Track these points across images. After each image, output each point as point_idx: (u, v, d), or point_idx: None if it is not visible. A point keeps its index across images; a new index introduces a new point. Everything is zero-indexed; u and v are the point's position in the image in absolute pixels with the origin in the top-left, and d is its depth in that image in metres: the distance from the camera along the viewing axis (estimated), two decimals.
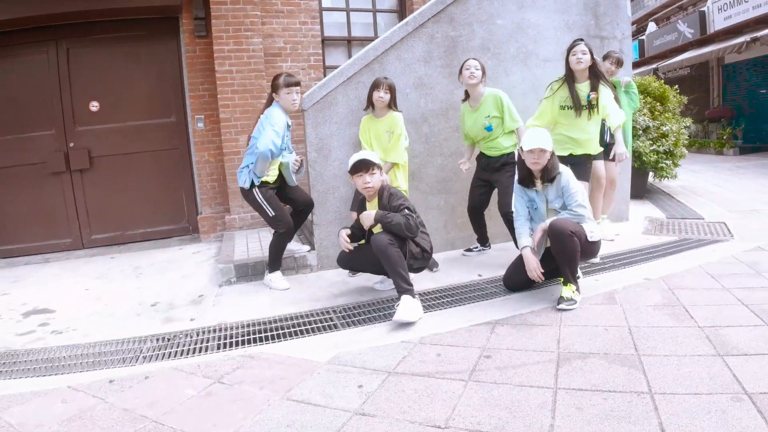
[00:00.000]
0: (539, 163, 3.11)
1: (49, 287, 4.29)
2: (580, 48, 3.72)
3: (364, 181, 3.18)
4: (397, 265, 2.96)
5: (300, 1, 5.81)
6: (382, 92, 3.74)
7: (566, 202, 3.16)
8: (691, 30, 15.96)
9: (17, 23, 5.24)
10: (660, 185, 7.18)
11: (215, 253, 4.92)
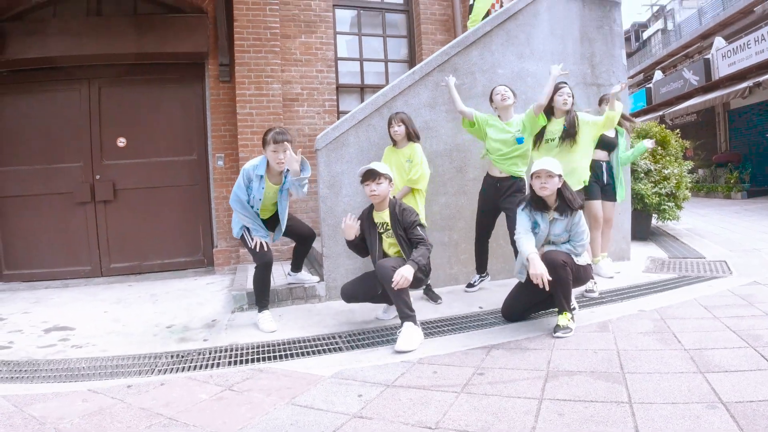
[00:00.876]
0: (547, 188, 3.17)
1: (69, 308, 4.50)
2: (566, 90, 4.11)
3: (370, 189, 3.36)
4: (401, 291, 3.13)
5: (317, 51, 6.29)
6: (396, 126, 4.00)
7: (572, 240, 3.26)
8: (696, 77, 16.32)
9: (54, 61, 5.71)
10: (665, 228, 7.29)
11: (229, 284, 5.11)
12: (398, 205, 3.42)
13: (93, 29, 5.74)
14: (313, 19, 6.33)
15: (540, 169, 3.19)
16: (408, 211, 3.38)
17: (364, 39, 6.88)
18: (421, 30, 6.79)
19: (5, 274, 5.83)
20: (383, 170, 3.37)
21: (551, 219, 3.30)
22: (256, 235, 3.73)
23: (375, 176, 3.35)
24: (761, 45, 13.02)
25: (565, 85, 4.15)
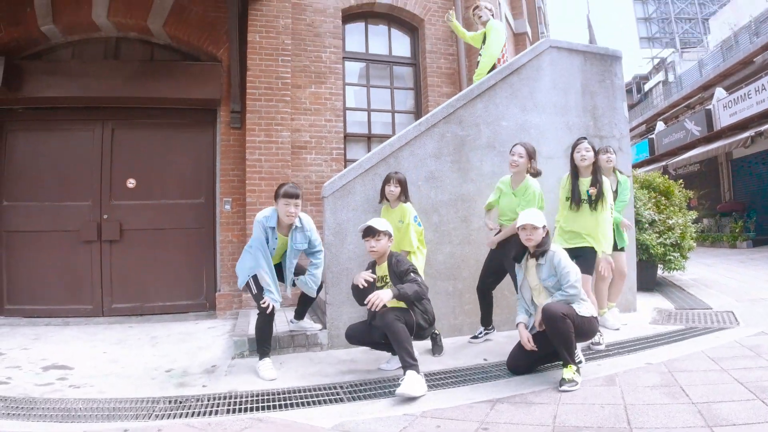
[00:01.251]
0: (532, 239, 3.38)
1: (68, 347, 4.49)
2: (584, 146, 4.03)
3: (370, 246, 3.53)
4: (404, 340, 3.14)
5: (326, 101, 6.48)
6: (393, 186, 4.09)
7: (560, 281, 3.31)
8: (698, 127, 16.53)
9: (70, 101, 5.91)
10: (671, 278, 7.25)
11: (230, 329, 5.07)
12: (394, 257, 3.54)
13: (110, 72, 5.96)
14: (323, 70, 6.54)
15: (526, 223, 3.39)
16: (402, 261, 3.50)
17: (372, 90, 7.09)
18: (428, 82, 7.00)
19: (7, 308, 5.82)
20: (382, 227, 3.52)
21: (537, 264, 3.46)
22: (268, 296, 3.74)
23: (374, 233, 3.50)
24: (762, 95, 13.26)
25: (584, 140, 4.09)
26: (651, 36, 31.46)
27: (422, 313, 3.47)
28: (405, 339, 3.16)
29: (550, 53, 5.27)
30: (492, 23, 5.62)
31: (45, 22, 5.82)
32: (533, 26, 9.92)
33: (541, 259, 3.42)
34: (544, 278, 3.41)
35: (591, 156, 4.00)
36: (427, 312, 3.51)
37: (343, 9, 6.77)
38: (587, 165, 4.02)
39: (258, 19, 5.99)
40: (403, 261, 3.52)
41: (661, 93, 26.28)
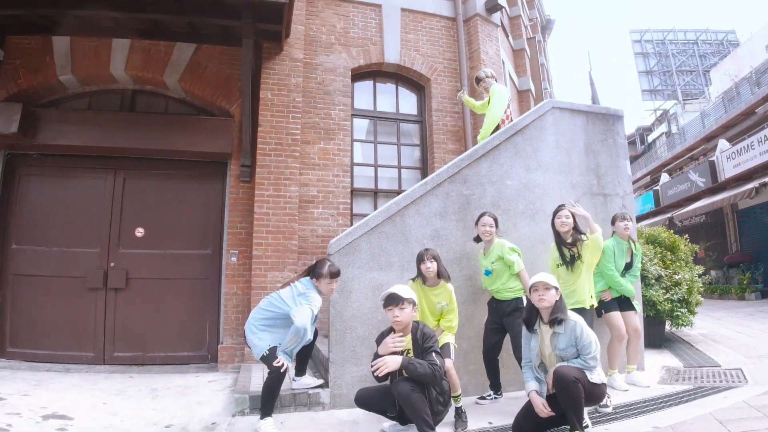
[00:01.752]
0: (545, 299, 3.30)
1: (69, 395, 4.45)
2: (564, 213, 4.34)
3: (393, 315, 3.30)
4: (420, 410, 3.04)
5: (334, 156, 6.63)
6: (428, 263, 3.99)
7: (580, 353, 3.27)
8: (702, 179, 16.60)
9: (84, 150, 6.06)
10: (680, 333, 7.15)
11: (231, 384, 5.00)
12: (420, 329, 3.34)
13: (124, 123, 6.16)
14: (332, 127, 6.73)
15: (537, 282, 3.35)
16: (428, 337, 3.29)
17: (379, 146, 7.26)
18: (434, 139, 7.17)
19: (9, 351, 5.80)
20: (406, 295, 3.34)
21: (551, 335, 3.37)
22: (282, 355, 3.75)
23: (398, 301, 3.30)
24: (765, 145, 13.38)
25: (563, 208, 4.38)
26: (653, 88, 32.13)
27: (438, 394, 3.27)
28: (422, 408, 3.05)
29: (553, 113, 5.40)
30: (495, 86, 5.81)
31: (64, 72, 6.08)
32: (537, 83, 10.22)
33: (559, 328, 3.33)
34: (562, 348, 3.33)
35: (570, 222, 4.31)
36: (443, 393, 3.31)
37: (352, 68, 7.04)
38: (567, 230, 4.32)
39: (270, 77, 6.24)
40: (429, 336, 3.29)
41: (664, 144, 26.58)
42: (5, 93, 5.94)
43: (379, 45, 7.20)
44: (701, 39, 32.83)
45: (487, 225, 4.33)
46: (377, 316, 4.31)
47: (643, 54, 33.10)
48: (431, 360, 3.16)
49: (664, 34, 33.48)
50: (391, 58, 7.23)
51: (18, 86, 5.98)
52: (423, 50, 7.43)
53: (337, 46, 7.02)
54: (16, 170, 6.14)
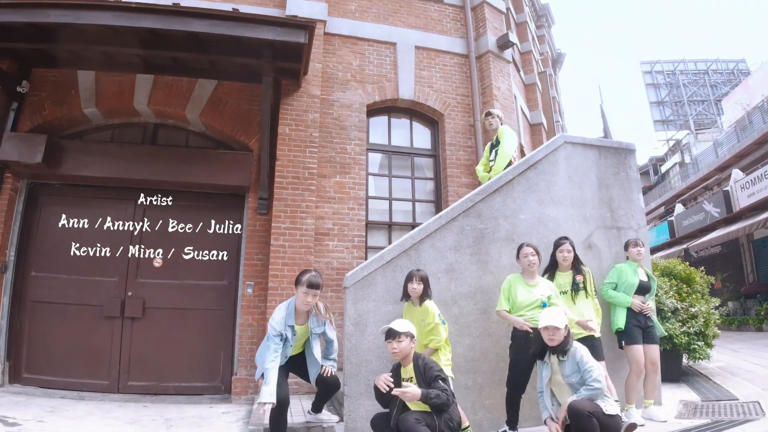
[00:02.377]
0: (554, 340, 3.51)
1: (83, 423, 4.50)
2: (566, 247, 4.49)
3: (392, 347, 3.53)
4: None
5: (350, 190, 6.75)
6: (415, 284, 4.11)
7: (583, 377, 3.38)
8: (717, 209, 16.49)
9: (105, 181, 6.23)
10: (697, 367, 7.04)
11: (245, 416, 5.01)
12: (421, 359, 3.52)
13: (146, 156, 6.34)
14: (347, 161, 6.87)
15: (549, 325, 3.53)
16: (430, 367, 3.45)
17: (393, 180, 7.38)
18: (447, 173, 7.27)
19: (24, 377, 5.86)
20: (403, 329, 3.54)
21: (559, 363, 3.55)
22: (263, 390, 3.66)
23: (395, 335, 3.52)
24: None
25: (566, 242, 4.52)
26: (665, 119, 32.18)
27: (447, 420, 3.34)
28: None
29: (565, 148, 5.48)
30: (504, 127, 5.94)
31: (88, 105, 6.31)
32: (548, 117, 10.36)
33: (563, 356, 3.51)
34: (568, 375, 3.48)
35: (571, 256, 4.49)
36: (452, 419, 3.39)
37: (368, 104, 7.22)
38: (568, 264, 4.51)
39: (288, 112, 6.44)
40: (431, 366, 3.46)
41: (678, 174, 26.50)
42: (30, 124, 6.16)
43: (393, 81, 7.40)
44: (712, 69, 32.99)
45: (530, 255, 4.29)
46: None
47: (654, 85, 33.27)
48: (441, 387, 3.31)
49: (674, 64, 33.71)
50: (405, 94, 7.41)
51: (43, 118, 6.21)
52: (436, 86, 7.62)
53: (353, 82, 7.22)
54: (38, 199, 6.32)
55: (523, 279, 4.34)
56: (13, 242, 6.05)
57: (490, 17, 8.14)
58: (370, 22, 7.60)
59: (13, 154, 5.78)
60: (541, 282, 4.33)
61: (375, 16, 7.65)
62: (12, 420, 4.37)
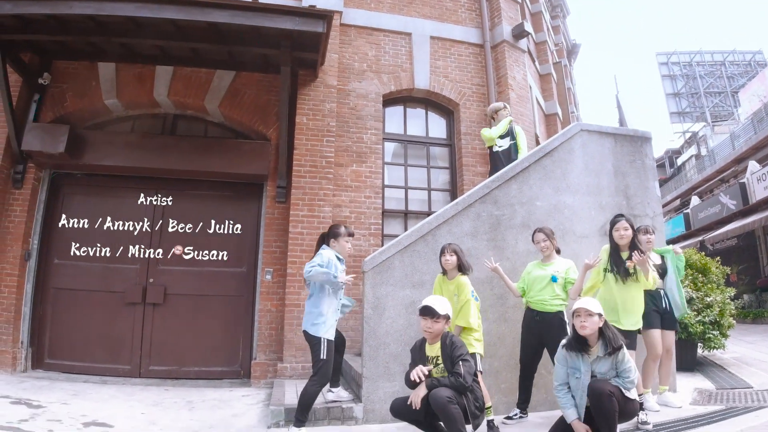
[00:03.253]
0: (586, 327, 3.23)
1: (107, 405, 4.62)
2: (622, 224, 4.13)
3: (426, 325, 3.41)
4: (457, 422, 3.08)
5: (366, 178, 6.83)
6: (447, 255, 4.11)
7: (620, 375, 3.26)
8: (733, 201, 16.30)
9: (126, 170, 6.36)
10: (712, 357, 7.03)
11: (264, 398, 5.12)
12: (449, 338, 3.43)
13: (166, 146, 6.46)
14: (364, 150, 6.94)
15: (579, 308, 3.29)
16: (457, 346, 3.36)
17: (409, 169, 7.42)
18: (463, 162, 7.31)
19: (47, 362, 6.03)
20: (443, 311, 3.41)
21: (593, 359, 3.33)
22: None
23: (434, 315, 3.39)
24: None
25: (621, 218, 4.20)
26: (681, 111, 31.70)
27: (474, 400, 3.32)
28: (459, 421, 3.09)
29: (581, 136, 5.49)
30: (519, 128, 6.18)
31: (109, 96, 6.44)
32: (563, 107, 10.31)
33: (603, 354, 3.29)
34: (603, 372, 3.31)
35: (629, 234, 4.11)
36: (477, 399, 3.36)
37: (384, 94, 7.28)
38: (626, 243, 4.13)
39: (306, 102, 6.52)
40: (458, 345, 3.36)
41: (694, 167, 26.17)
42: (52, 115, 6.30)
43: (409, 72, 7.44)
44: (728, 60, 32.39)
45: (541, 242, 4.33)
46: (410, 333, 4.42)
47: (671, 76, 32.75)
48: (456, 370, 3.23)
49: (690, 55, 33.16)
50: (420, 84, 7.44)
51: (64, 109, 6.35)
52: (452, 76, 7.64)
53: (369, 73, 7.28)
54: (60, 189, 6.47)
55: (539, 262, 4.42)
56: (36, 231, 6.21)
57: (505, 7, 8.13)
58: (386, 12, 7.64)
59: (36, 144, 5.92)
60: (558, 261, 4.34)
61: (390, 6, 7.69)
62: (36, 403, 4.51)
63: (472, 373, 3.28)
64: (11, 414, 4.11)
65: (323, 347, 3.92)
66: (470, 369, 3.28)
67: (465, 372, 3.22)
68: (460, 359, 3.27)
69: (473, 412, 3.26)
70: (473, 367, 3.35)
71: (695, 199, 20.60)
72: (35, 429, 3.74)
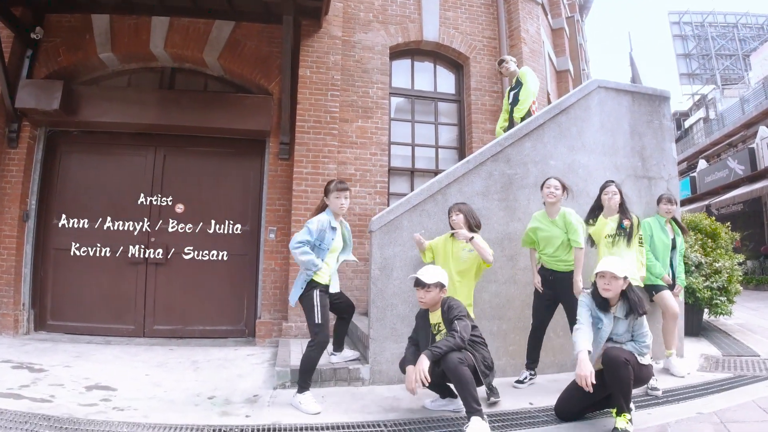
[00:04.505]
0: (609, 290, 3.20)
1: (111, 367, 4.56)
2: (611, 188, 4.24)
3: (419, 296, 3.51)
4: (468, 384, 3.08)
5: (372, 135, 6.61)
6: (454, 215, 4.04)
7: (635, 339, 3.23)
8: (741, 166, 16.18)
9: (124, 127, 6.15)
10: (716, 323, 7.02)
11: (269, 358, 5.09)
12: (446, 303, 3.47)
13: (164, 101, 6.23)
14: (370, 105, 6.69)
15: (605, 271, 3.23)
16: (453, 307, 3.42)
17: (416, 125, 7.19)
18: (472, 119, 7.07)
19: (49, 323, 6.00)
20: (431, 280, 3.45)
21: (615, 317, 3.30)
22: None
23: (424, 285, 3.46)
24: None
25: (611, 184, 4.29)
26: (691, 72, 30.94)
27: (482, 360, 3.40)
28: (470, 383, 3.09)
29: (598, 93, 5.26)
30: (525, 68, 5.79)
31: (104, 50, 6.16)
32: (575, 64, 9.96)
33: (620, 313, 3.27)
34: (620, 333, 3.29)
35: (617, 198, 4.22)
36: (486, 358, 3.44)
37: (390, 46, 6.97)
38: (614, 206, 4.24)
39: (309, 54, 6.22)
40: (454, 307, 3.43)
41: (701, 130, 25.78)
42: (46, 71, 6.05)
43: (417, 23, 7.10)
44: (741, 22, 31.37)
45: (552, 186, 4.14)
46: None
47: (682, 36, 31.80)
48: (453, 328, 3.27)
49: (703, 16, 32.10)
50: (429, 36, 7.12)
51: (58, 64, 6.09)
52: (462, 28, 7.30)
53: (375, 23, 6.94)
54: (57, 147, 6.28)
55: (545, 217, 4.28)
56: (34, 191, 6.07)
57: None
58: None
59: (29, 101, 5.72)
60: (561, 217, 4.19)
61: None
62: (38, 366, 4.44)
63: (468, 330, 3.34)
64: (12, 379, 4.04)
65: (317, 312, 3.79)
66: (466, 327, 3.31)
67: (461, 329, 3.26)
68: (456, 318, 3.33)
69: (483, 371, 3.32)
70: (469, 325, 3.39)
71: (702, 163, 20.40)
72: (36, 395, 3.67)
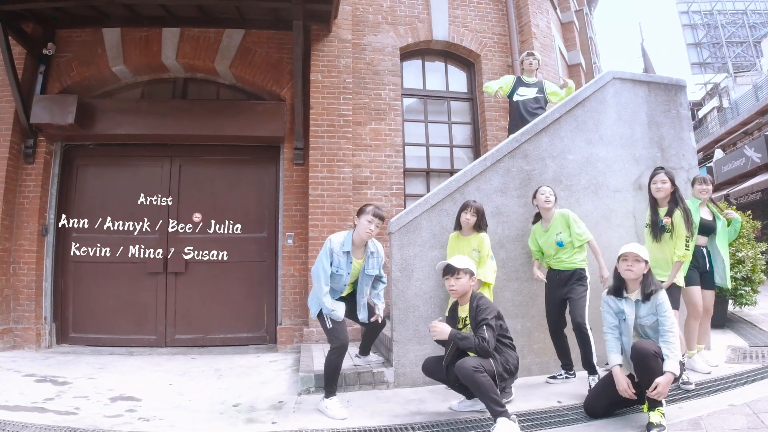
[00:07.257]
0: (632, 271, 3.22)
1: (134, 378, 4.56)
2: (660, 177, 4.01)
3: (449, 285, 3.41)
4: (488, 390, 3.02)
5: (386, 137, 6.59)
6: (469, 215, 4.02)
7: (659, 320, 3.19)
8: (758, 154, 15.93)
9: (139, 138, 6.20)
10: (741, 314, 6.87)
11: (292, 363, 5.07)
12: (476, 301, 3.38)
13: (178, 111, 6.26)
14: (383, 107, 6.67)
15: (628, 252, 3.25)
16: (482, 309, 3.32)
17: (430, 125, 7.15)
18: (485, 117, 7.02)
19: (71, 336, 6.04)
20: (462, 265, 3.39)
21: (635, 300, 3.29)
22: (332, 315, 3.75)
23: (454, 271, 3.38)
24: None
25: (660, 171, 4.07)
26: (702, 61, 30.53)
27: (503, 363, 3.28)
28: (489, 388, 3.02)
29: (613, 84, 5.19)
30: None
31: (116, 63, 6.23)
32: (586, 57, 9.87)
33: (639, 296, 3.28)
34: (643, 315, 3.26)
35: (667, 187, 3.98)
36: (508, 361, 3.32)
37: (401, 47, 6.95)
38: (663, 196, 4.01)
39: (320, 59, 6.23)
40: (483, 309, 3.31)
41: (716, 119, 25.40)
42: (59, 86, 6.13)
43: (426, 22, 7.07)
44: (750, 9, 30.89)
45: (547, 193, 4.15)
46: (440, 294, 4.29)
47: (691, 25, 31.39)
48: (480, 334, 3.18)
49: (712, 4, 31.67)
50: (439, 35, 7.09)
51: (71, 79, 6.16)
52: (472, 26, 7.26)
53: (385, 25, 6.93)
54: (73, 161, 6.34)
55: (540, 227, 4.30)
56: (52, 205, 6.13)
57: None
58: None
59: (44, 116, 5.77)
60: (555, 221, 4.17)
61: None
62: (62, 379, 4.45)
63: (493, 342, 3.23)
64: (37, 393, 4.05)
65: (326, 319, 3.79)
66: (491, 337, 3.22)
67: (489, 337, 3.18)
68: (484, 324, 3.23)
69: (500, 374, 3.22)
70: (495, 334, 3.29)
71: (719, 152, 20.06)
72: (61, 407, 3.67)
